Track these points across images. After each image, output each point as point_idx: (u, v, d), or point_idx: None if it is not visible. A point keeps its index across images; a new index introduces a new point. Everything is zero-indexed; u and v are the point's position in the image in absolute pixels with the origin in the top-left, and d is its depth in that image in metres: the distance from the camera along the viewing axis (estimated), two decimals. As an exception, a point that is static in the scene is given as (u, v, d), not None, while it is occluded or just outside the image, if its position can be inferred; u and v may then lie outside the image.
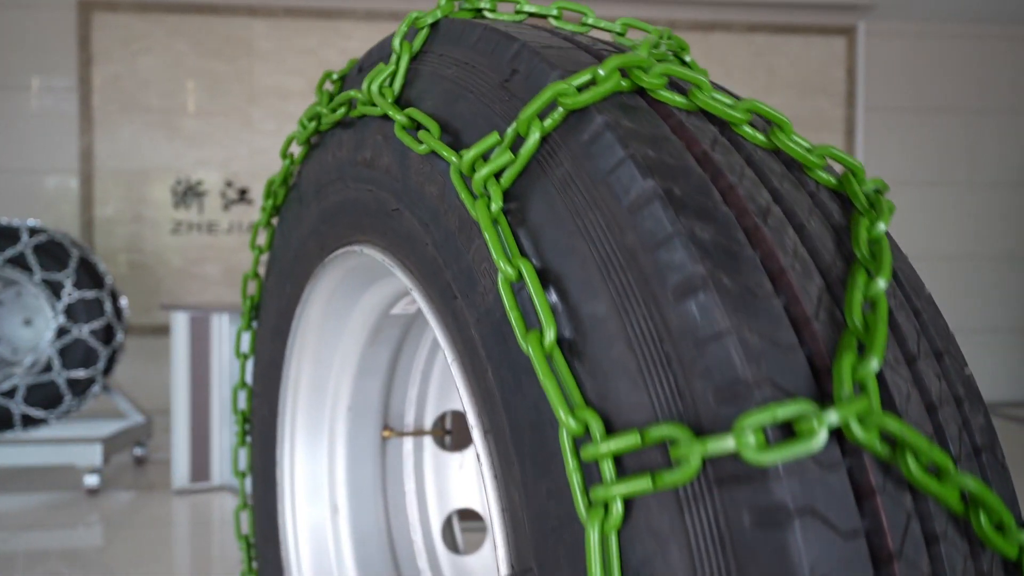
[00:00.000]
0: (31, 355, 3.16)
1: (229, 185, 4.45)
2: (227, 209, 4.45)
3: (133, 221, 4.39)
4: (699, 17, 4.72)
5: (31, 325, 3.23)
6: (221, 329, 2.96)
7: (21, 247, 3.10)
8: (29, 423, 3.12)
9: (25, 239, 3.11)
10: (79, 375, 3.17)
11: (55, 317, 3.13)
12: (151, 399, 4.11)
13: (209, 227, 4.45)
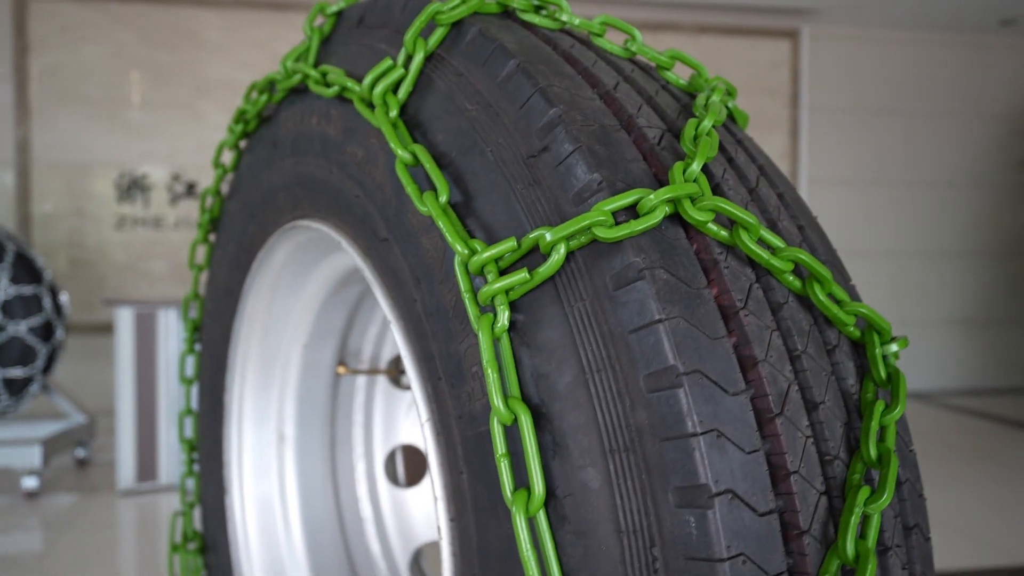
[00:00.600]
0: (-36, 354, 3.02)
1: (176, 179, 4.33)
2: (174, 204, 4.33)
3: (74, 216, 4.23)
4: (650, 17, 4.79)
5: (-36, 322, 3.09)
6: (168, 325, 2.88)
7: (-47, 241, 2.96)
8: (-38, 425, 2.99)
9: (-43, 232, 2.98)
10: (16, 374, 3.05)
11: (-10, 314, 3.00)
12: (94, 399, 3.97)
13: (156, 222, 4.32)
